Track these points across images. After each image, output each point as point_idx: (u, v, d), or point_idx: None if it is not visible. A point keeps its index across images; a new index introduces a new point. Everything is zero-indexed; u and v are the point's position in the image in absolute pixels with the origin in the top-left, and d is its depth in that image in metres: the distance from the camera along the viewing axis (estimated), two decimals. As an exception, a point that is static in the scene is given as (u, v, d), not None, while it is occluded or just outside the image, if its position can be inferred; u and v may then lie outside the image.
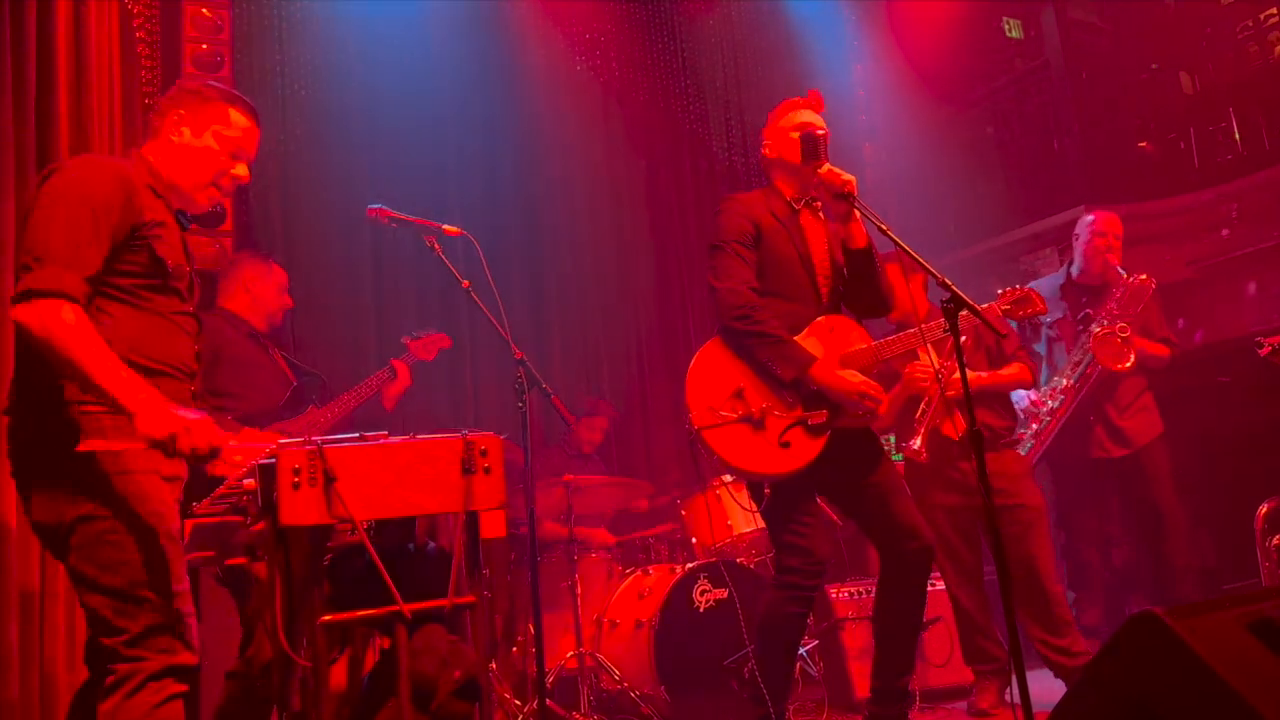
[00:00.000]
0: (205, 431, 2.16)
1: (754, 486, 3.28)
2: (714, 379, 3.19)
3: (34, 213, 2.24)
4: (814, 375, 3.13)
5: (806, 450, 3.15)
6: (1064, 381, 4.55)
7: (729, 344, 3.22)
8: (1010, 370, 4.23)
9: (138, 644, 2.18)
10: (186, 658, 2.24)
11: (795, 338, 3.23)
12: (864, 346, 3.30)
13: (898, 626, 3.28)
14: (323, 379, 4.13)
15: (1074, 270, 4.78)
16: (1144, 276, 4.60)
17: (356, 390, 4.12)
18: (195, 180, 2.54)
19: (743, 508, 4.74)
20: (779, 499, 3.23)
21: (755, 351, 3.16)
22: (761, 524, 4.41)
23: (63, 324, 2.13)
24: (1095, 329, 4.48)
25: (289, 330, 4.29)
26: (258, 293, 4.00)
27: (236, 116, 2.58)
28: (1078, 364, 4.55)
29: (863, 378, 3.18)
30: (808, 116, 3.43)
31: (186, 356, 2.47)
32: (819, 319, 3.30)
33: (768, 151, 3.48)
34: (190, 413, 2.19)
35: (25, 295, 2.15)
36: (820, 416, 3.14)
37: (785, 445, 3.13)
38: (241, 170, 2.60)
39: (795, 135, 3.37)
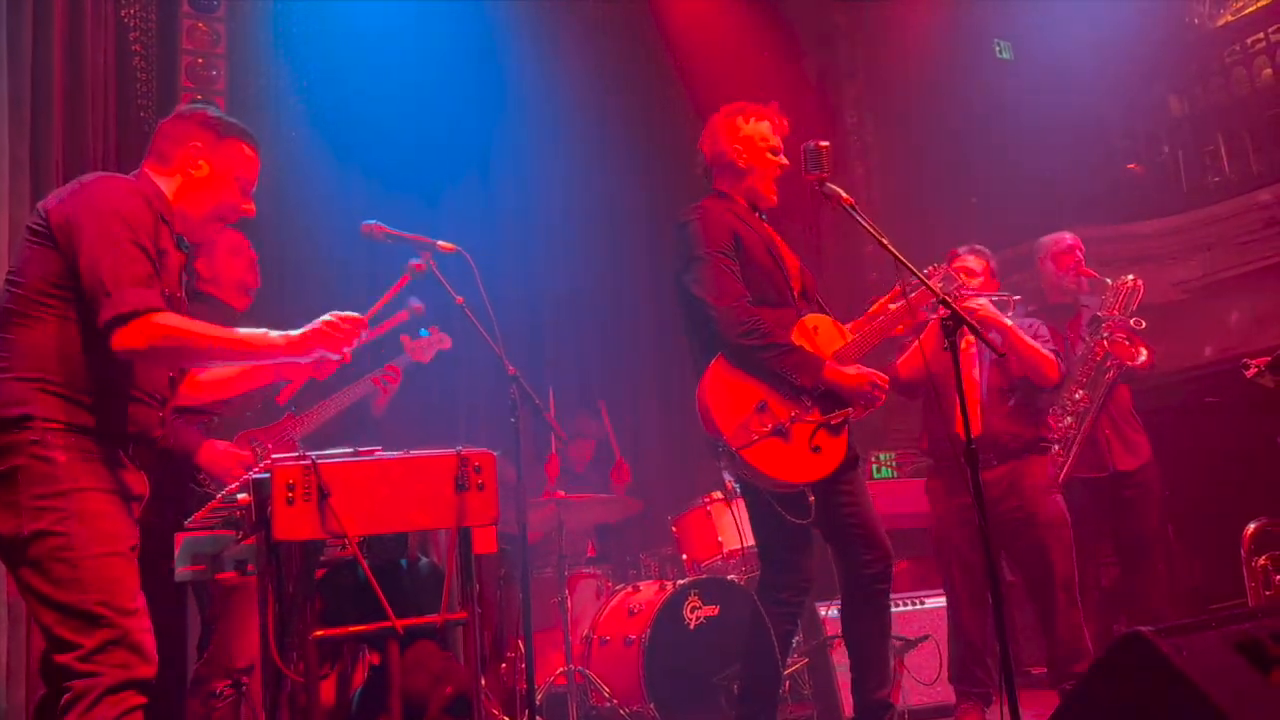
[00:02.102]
0: (338, 336, 2.55)
1: (793, 499, 3.20)
2: (734, 397, 3.16)
3: (83, 243, 2.28)
4: (827, 377, 3.16)
5: (836, 450, 3.18)
6: (1080, 394, 4.49)
7: (735, 360, 3.19)
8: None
9: (91, 659, 2.15)
10: (144, 670, 2.21)
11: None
12: (850, 340, 3.33)
13: (865, 639, 3.26)
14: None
15: (1046, 292, 4.75)
16: (1130, 277, 4.61)
17: (337, 398, 3.96)
18: (208, 214, 2.59)
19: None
20: (777, 514, 3.20)
21: (771, 364, 3.15)
22: (751, 541, 4.38)
23: (175, 327, 2.29)
24: (1104, 333, 4.46)
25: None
26: (210, 269, 3.75)
27: (249, 152, 2.63)
28: (1088, 375, 4.49)
29: (867, 369, 3.23)
30: (771, 130, 3.44)
31: (160, 384, 2.49)
32: (800, 321, 3.31)
33: (740, 161, 3.41)
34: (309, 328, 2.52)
35: (120, 320, 2.23)
36: (841, 415, 3.18)
37: (817, 450, 3.15)
38: (250, 206, 2.66)
39: (772, 152, 3.40)
